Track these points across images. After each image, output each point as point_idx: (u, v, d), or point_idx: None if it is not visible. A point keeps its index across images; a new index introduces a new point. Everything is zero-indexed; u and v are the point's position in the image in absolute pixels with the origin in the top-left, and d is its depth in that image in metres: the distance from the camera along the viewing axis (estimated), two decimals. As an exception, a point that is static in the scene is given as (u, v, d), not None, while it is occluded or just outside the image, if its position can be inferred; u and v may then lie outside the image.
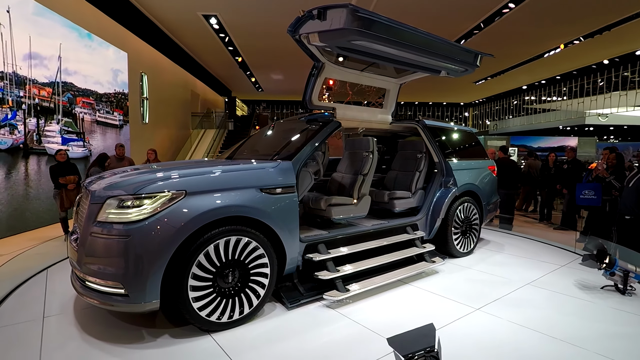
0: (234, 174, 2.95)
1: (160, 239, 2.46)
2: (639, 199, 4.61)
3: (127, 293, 2.45)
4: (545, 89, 20.04)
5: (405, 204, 4.43)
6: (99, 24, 9.56)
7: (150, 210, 2.50)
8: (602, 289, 3.69)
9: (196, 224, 2.56)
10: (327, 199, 3.74)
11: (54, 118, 7.86)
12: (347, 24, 2.88)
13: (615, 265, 3.58)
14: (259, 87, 22.71)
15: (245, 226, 2.83)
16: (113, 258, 2.47)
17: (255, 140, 4.54)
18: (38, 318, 3.03)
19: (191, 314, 2.61)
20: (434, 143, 4.58)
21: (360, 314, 3.08)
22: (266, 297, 2.97)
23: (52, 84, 7.76)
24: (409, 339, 1.73)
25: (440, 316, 3.04)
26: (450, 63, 3.86)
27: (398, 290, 3.62)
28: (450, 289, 3.65)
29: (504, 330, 2.83)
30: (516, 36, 12.65)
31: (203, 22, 11.71)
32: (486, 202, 5.11)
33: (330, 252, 3.42)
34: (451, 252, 4.63)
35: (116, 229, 2.47)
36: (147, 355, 2.46)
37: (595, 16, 10.97)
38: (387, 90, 4.67)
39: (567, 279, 3.99)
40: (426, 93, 24.52)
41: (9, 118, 6.59)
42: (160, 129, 13.92)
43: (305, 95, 3.92)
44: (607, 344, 2.63)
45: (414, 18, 11.01)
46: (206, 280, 2.65)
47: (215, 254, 2.68)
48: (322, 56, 3.73)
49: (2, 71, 6.46)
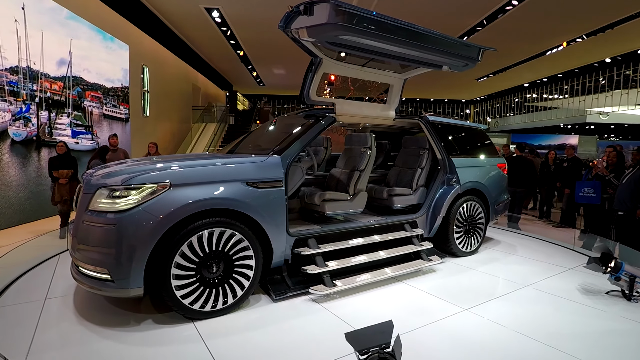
0: (219, 168, 3.00)
1: (144, 228, 2.55)
2: (632, 193, 4.67)
3: (112, 279, 2.56)
4: (546, 86, 20.02)
5: (404, 201, 4.39)
6: (101, 15, 9.54)
7: (135, 200, 2.60)
8: (607, 294, 3.50)
9: (179, 216, 2.64)
10: (321, 194, 3.75)
11: (65, 111, 8.09)
12: (330, 19, 2.90)
13: (621, 270, 3.35)
14: (260, 82, 22.69)
15: (231, 219, 2.88)
16: (101, 245, 2.59)
17: (256, 135, 4.56)
18: (40, 300, 3.17)
19: (174, 301, 2.68)
20: (436, 139, 4.48)
21: (343, 309, 3.07)
22: (251, 288, 3.02)
23: (63, 78, 7.96)
24: (367, 335, 1.71)
25: (424, 315, 2.99)
26: (447, 57, 3.81)
27: (389, 288, 3.57)
28: (443, 288, 3.57)
29: (486, 333, 2.74)
30: (519, 33, 12.63)
31: (205, 15, 11.69)
32: (494, 201, 4.92)
33: (320, 247, 3.43)
34: (453, 252, 4.51)
35: (104, 218, 2.59)
36: (126, 337, 2.58)
37: (598, 14, 10.95)
38: (391, 85, 4.62)
39: (572, 282, 3.82)
40: (428, 90, 24.49)
41: (23, 111, 6.88)
42: (162, 122, 13.92)
43: (302, 90, 3.90)
44: (598, 353, 2.52)
45: (417, 15, 10.98)
46: (189, 269, 2.72)
47: (199, 245, 2.74)
48: (320, 51, 3.71)
49: (17, 65, 6.68)
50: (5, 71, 6.39)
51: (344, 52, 3.73)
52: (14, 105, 6.63)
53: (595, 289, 3.64)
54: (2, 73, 6.35)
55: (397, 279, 3.76)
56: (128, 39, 10.89)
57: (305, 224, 3.78)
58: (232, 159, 3.18)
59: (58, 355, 2.38)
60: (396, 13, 11.10)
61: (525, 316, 3.04)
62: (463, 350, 2.51)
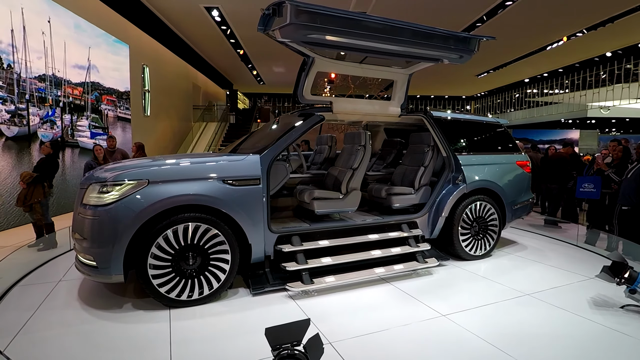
0: (196, 166, 3.16)
1: (122, 220, 2.81)
2: (637, 188, 4.66)
3: (97, 266, 2.86)
4: (547, 81, 19.98)
5: (404, 201, 4.26)
6: (101, 15, 9.55)
7: (117, 196, 2.86)
8: (622, 308, 3.05)
9: (154, 210, 2.86)
10: (310, 192, 3.76)
11: (84, 114, 9.00)
12: (292, 19, 2.98)
13: (637, 281, 2.95)
14: (260, 80, 22.69)
15: (207, 214, 3.04)
16: (88, 235, 2.89)
17: (256, 134, 4.58)
18: (54, 281, 3.59)
19: (151, 289, 2.91)
20: (441, 136, 4.30)
21: (316, 308, 3.04)
22: (227, 281, 3.14)
23: (82, 84, 8.86)
24: (284, 332, 1.72)
25: (396, 318, 2.89)
26: (435, 50, 3.70)
27: (374, 288, 3.47)
28: (430, 292, 3.39)
29: (452, 340, 2.57)
30: (519, 29, 12.61)
31: (205, 14, 11.69)
32: (511, 201, 4.58)
33: (303, 244, 3.44)
34: (458, 254, 4.26)
35: (92, 210, 2.88)
36: (103, 316, 2.88)
37: (598, 8, 10.92)
38: (395, 81, 4.47)
39: (586, 293, 3.37)
40: (428, 86, 24.48)
41: (49, 115, 7.68)
42: (162, 122, 13.94)
43: (296, 90, 3.87)
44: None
45: (417, 12, 10.97)
46: (165, 260, 2.92)
47: (174, 238, 2.94)
48: (310, 51, 3.67)
49: (44, 74, 7.47)
50: (34, 79, 7.19)
51: (327, 50, 3.68)
52: (42, 110, 7.46)
53: (611, 302, 3.18)
54: (32, 81, 7.12)
55: (386, 280, 3.65)
56: (128, 39, 10.91)
57: (297, 222, 3.81)
58: (210, 157, 3.36)
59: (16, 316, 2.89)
60: (395, 11, 11.12)
61: (505, 327, 2.77)
62: (416, 357, 2.39)
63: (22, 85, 6.94)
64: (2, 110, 6.50)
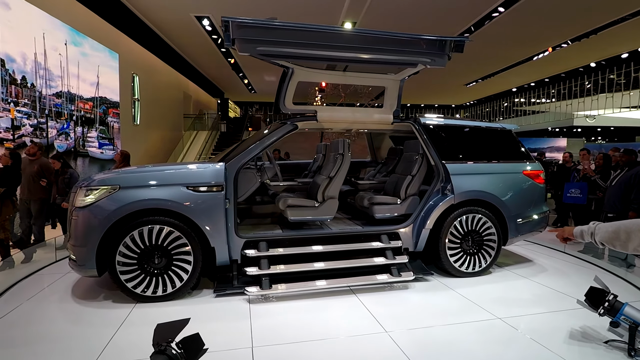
0: (163, 173, 3.42)
1: (94, 221, 3.15)
2: (622, 195, 4.75)
3: (75, 260, 3.22)
4: (534, 91, 20.34)
5: (387, 210, 4.10)
6: (90, 24, 9.52)
7: (93, 199, 3.20)
8: (607, 343, 2.59)
9: (121, 213, 3.16)
10: (285, 199, 3.80)
11: (93, 127, 9.88)
12: (235, 34, 3.16)
13: (620, 312, 2.45)
14: (251, 89, 22.73)
15: (172, 218, 3.27)
16: (72, 233, 3.25)
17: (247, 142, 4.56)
18: (63, 272, 4.06)
19: (118, 283, 3.22)
20: (428, 143, 4.09)
21: (264, 313, 3.10)
22: (189, 282, 3.35)
23: (92, 99, 9.78)
24: (167, 328, 1.74)
25: (334, 329, 2.87)
26: (404, 55, 3.67)
27: (337, 299, 3.39)
28: (391, 307, 3.24)
29: (384, 358, 2.47)
30: (505, 39, 12.87)
31: (196, 23, 11.72)
32: (514, 214, 4.11)
33: (269, 250, 3.52)
34: (446, 270, 3.97)
35: (74, 212, 3.25)
36: (75, 306, 3.25)
37: (582, 21, 11.22)
38: (386, 88, 4.37)
39: (575, 322, 2.92)
40: (418, 95, 24.74)
41: (64, 127, 8.58)
42: (152, 131, 13.85)
43: (277, 100, 3.91)
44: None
45: (405, 22, 11.14)
46: (132, 258, 3.21)
47: (140, 238, 3.21)
48: (287, 62, 3.69)
49: (61, 91, 8.40)
50: (53, 96, 8.10)
51: (307, 61, 3.77)
52: (59, 124, 8.34)
53: (598, 336, 2.73)
54: (51, 97, 8.04)
55: (354, 291, 3.55)
56: (118, 48, 10.87)
57: (274, 228, 3.92)
58: (179, 166, 3.63)
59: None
60: (381, 24, 11.26)
61: (448, 353, 2.53)
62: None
63: (43, 102, 7.80)
64: (27, 125, 7.30)
